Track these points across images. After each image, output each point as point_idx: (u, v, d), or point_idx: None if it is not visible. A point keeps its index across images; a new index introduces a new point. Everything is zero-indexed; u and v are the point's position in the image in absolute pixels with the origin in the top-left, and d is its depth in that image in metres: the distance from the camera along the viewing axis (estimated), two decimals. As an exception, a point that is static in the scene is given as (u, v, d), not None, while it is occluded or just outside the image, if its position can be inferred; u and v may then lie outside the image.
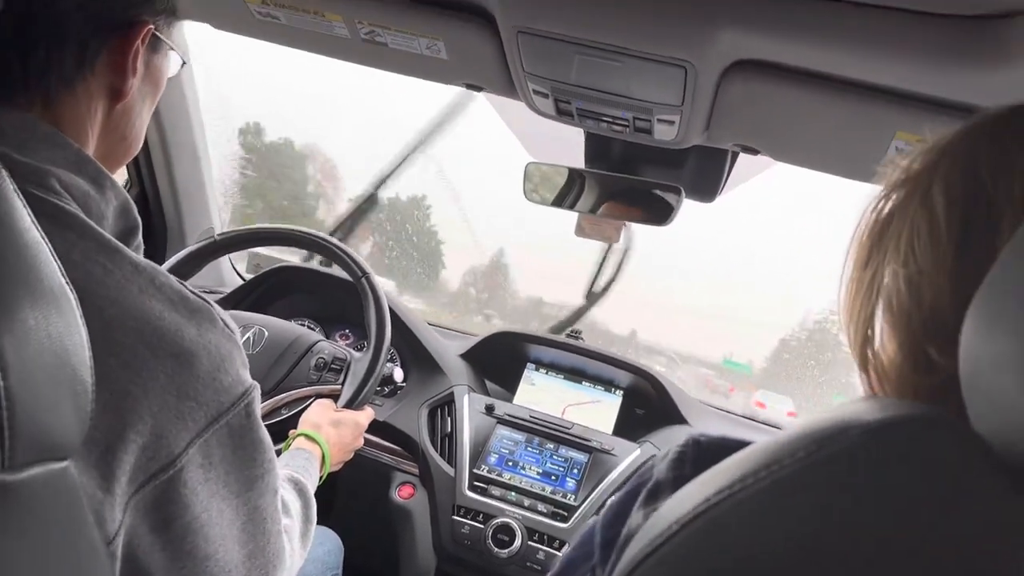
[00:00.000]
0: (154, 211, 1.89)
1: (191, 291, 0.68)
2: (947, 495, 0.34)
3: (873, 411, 0.37)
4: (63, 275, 0.50)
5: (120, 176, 1.80)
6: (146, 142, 1.75)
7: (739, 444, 0.51)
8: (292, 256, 2.12)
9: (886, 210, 0.50)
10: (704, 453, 0.54)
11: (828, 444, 0.37)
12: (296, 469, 1.08)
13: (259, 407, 0.73)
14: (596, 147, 1.30)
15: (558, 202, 1.35)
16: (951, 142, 0.48)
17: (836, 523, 0.35)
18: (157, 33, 0.77)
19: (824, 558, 0.35)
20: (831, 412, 0.40)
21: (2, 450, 0.42)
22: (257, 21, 1.13)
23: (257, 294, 1.86)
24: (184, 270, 1.45)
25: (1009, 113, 0.47)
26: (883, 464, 0.35)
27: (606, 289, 2.12)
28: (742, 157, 1.24)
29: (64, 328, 0.48)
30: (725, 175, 1.26)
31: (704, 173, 1.26)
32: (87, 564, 0.51)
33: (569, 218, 1.37)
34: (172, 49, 0.81)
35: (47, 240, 0.50)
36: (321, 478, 1.16)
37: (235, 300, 1.83)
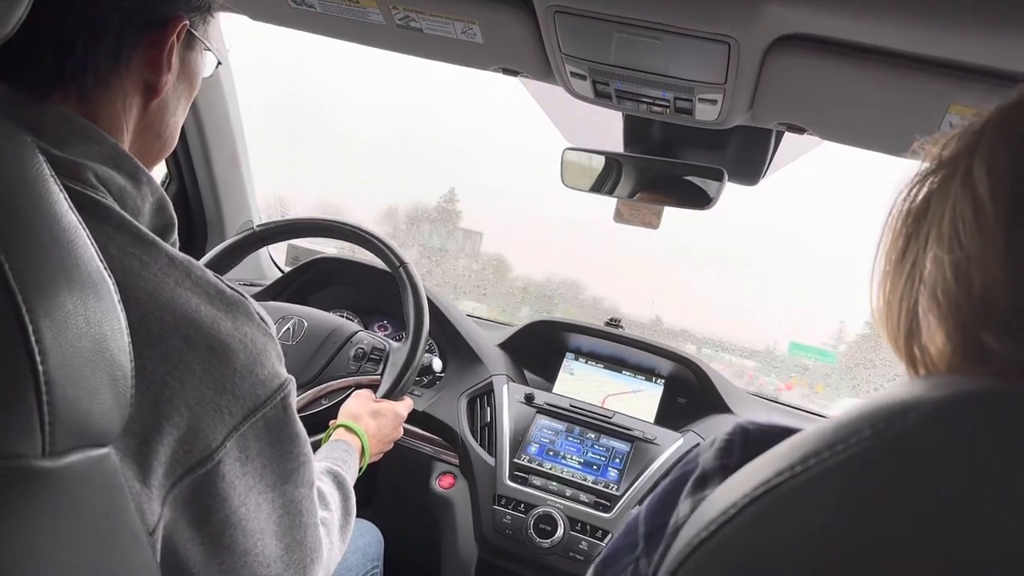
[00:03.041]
0: (194, 206, 1.91)
1: (227, 284, 0.68)
2: None
3: (940, 387, 0.35)
4: (101, 261, 0.49)
5: (158, 171, 1.82)
6: (184, 137, 1.77)
7: (788, 432, 0.49)
8: (330, 248, 2.13)
9: (920, 196, 0.48)
10: (752, 441, 0.52)
11: (897, 421, 0.35)
12: (335, 461, 1.07)
13: (295, 400, 0.73)
14: (635, 130, 1.27)
15: (596, 188, 1.32)
16: (988, 124, 0.45)
17: (909, 502, 0.33)
18: (192, 30, 0.76)
19: (897, 538, 0.33)
20: (890, 391, 0.38)
21: (42, 436, 0.42)
22: (292, 10, 1.13)
23: (296, 286, 1.87)
24: (223, 263, 1.46)
25: None
26: (960, 440, 0.33)
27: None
28: (786, 137, 1.21)
29: (102, 314, 0.47)
30: (769, 156, 1.23)
31: (747, 154, 1.23)
32: (129, 551, 0.51)
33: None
34: (208, 48, 0.81)
35: (85, 227, 0.49)
36: (360, 469, 1.16)
37: (274, 292, 1.84)
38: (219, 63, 0.87)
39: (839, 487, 0.35)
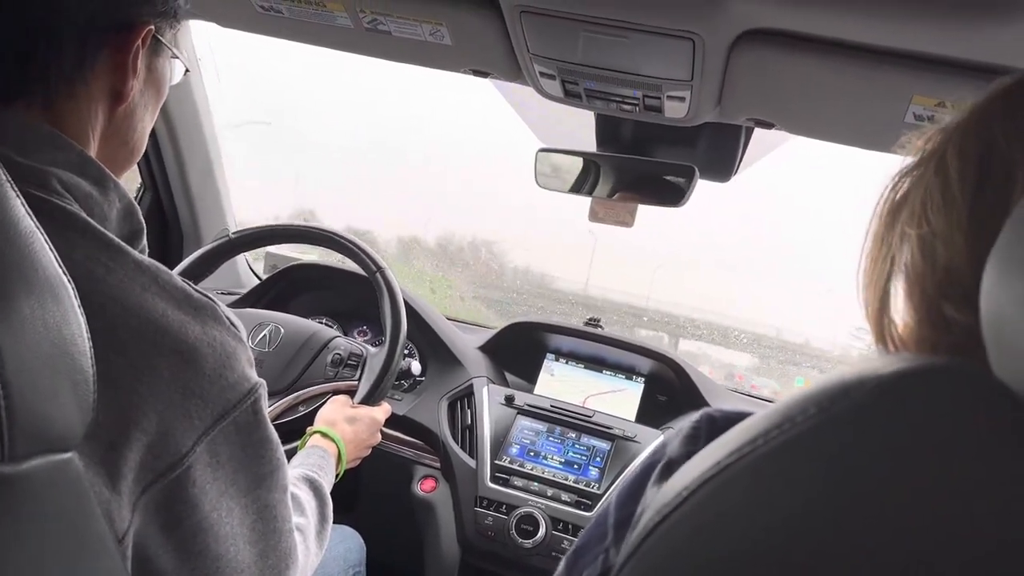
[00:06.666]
0: (169, 215, 1.89)
1: (195, 289, 0.68)
2: (972, 444, 0.33)
3: (887, 365, 0.36)
4: (59, 265, 0.49)
5: (133, 180, 1.81)
6: (158, 145, 1.76)
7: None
8: (309, 255, 2.12)
9: (903, 189, 0.50)
10: (718, 429, 0.52)
11: (841, 399, 0.35)
12: (311, 468, 1.07)
13: (266, 405, 0.72)
14: (607, 129, 1.28)
15: (571, 188, 1.33)
16: (964, 117, 0.47)
17: (853, 480, 0.34)
18: (159, 36, 0.76)
19: (841, 517, 0.33)
20: (840, 370, 0.38)
21: (1, 441, 0.42)
22: (260, 16, 1.13)
23: (274, 293, 1.86)
24: (200, 270, 1.45)
25: (1021, 81, 0.46)
26: (900, 416, 0.34)
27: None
28: (756, 134, 1.21)
29: (61, 317, 0.47)
30: (740, 152, 1.24)
31: (718, 151, 1.24)
32: (95, 557, 0.51)
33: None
34: (175, 55, 0.80)
35: (43, 232, 0.49)
36: (337, 475, 1.15)
37: (252, 299, 1.83)
38: (187, 70, 0.87)
39: (783, 466, 0.36)
